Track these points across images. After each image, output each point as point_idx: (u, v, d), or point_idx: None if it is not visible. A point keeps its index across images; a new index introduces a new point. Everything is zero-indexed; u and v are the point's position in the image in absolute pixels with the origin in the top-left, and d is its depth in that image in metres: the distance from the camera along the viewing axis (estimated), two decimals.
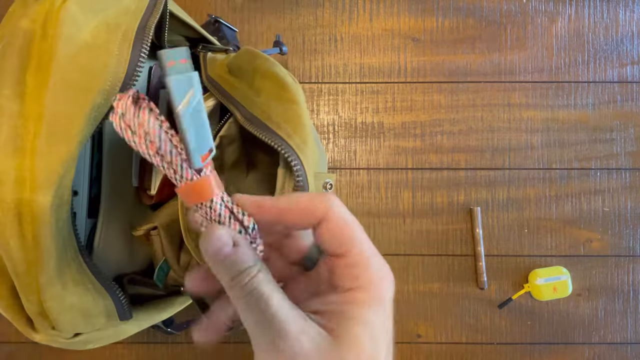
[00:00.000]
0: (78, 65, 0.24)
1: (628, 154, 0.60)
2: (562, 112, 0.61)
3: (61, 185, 0.24)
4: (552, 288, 0.58)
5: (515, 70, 0.61)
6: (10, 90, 0.23)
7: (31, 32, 0.24)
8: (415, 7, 0.61)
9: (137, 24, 0.27)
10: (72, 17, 0.24)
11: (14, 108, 0.23)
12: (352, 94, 0.61)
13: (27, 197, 0.23)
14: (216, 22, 0.48)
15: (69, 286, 0.27)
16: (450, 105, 0.61)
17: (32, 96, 0.23)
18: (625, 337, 0.59)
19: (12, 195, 0.23)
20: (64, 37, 0.24)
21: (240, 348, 0.59)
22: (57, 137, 0.24)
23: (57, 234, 0.25)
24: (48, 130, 0.23)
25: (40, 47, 0.24)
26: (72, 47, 0.24)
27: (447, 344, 0.59)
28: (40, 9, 0.24)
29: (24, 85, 0.23)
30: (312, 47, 0.61)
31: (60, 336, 0.28)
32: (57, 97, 0.24)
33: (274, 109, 0.28)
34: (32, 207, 0.23)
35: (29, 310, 0.26)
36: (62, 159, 0.24)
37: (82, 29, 0.24)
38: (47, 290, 0.25)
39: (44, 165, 0.23)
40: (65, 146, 0.24)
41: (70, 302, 0.27)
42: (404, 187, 0.60)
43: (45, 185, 0.23)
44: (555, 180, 0.60)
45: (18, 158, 0.23)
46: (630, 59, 0.61)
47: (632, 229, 0.60)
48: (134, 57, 0.26)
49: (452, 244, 0.60)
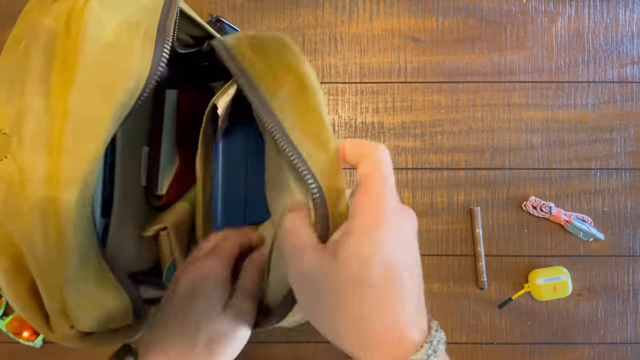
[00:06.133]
0: (103, 64, 0.24)
1: (628, 154, 0.60)
2: (562, 112, 0.61)
3: (86, 183, 0.24)
4: (552, 288, 0.58)
5: (515, 70, 0.61)
6: (35, 87, 0.23)
7: (54, 31, 0.24)
8: (415, 7, 0.61)
9: (157, 22, 0.27)
10: (96, 16, 0.24)
11: (39, 105, 0.23)
12: (352, 94, 0.61)
13: (53, 194, 0.23)
14: (218, 21, 0.48)
15: (91, 284, 0.27)
16: (450, 105, 0.61)
17: (57, 94, 0.23)
18: (625, 337, 0.59)
19: (39, 193, 0.23)
20: (89, 36, 0.24)
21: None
22: (83, 135, 0.24)
23: (80, 231, 0.25)
24: (75, 128, 0.23)
25: (64, 45, 0.24)
26: (97, 46, 0.24)
27: (447, 344, 0.59)
28: (63, 7, 0.24)
29: (49, 82, 0.23)
30: (312, 47, 0.61)
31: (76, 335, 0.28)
32: (83, 96, 0.24)
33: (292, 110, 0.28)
34: (58, 204, 0.23)
35: (49, 308, 0.26)
36: (88, 157, 0.24)
37: (106, 28, 0.25)
38: (69, 288, 0.25)
39: (70, 163, 0.23)
40: (92, 144, 0.24)
41: (91, 300, 0.27)
42: (403, 187, 0.60)
43: (72, 183, 0.23)
44: (555, 180, 0.60)
45: (45, 155, 0.23)
46: (630, 59, 0.61)
47: (632, 229, 0.60)
48: (157, 57, 0.26)
49: (452, 244, 0.60)
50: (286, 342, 0.59)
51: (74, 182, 0.23)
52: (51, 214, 0.23)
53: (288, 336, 0.59)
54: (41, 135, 0.23)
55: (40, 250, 0.24)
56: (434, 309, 0.59)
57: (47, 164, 0.23)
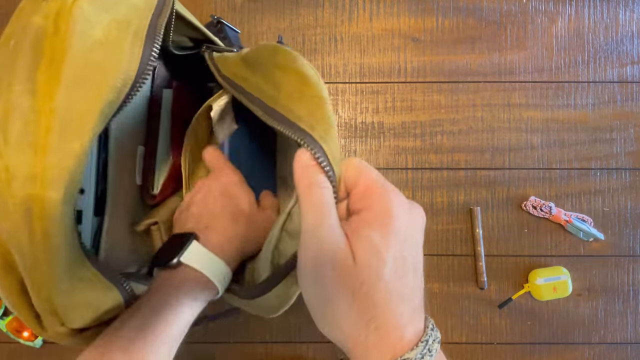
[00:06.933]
0: (91, 62, 0.24)
1: (628, 154, 0.60)
2: (562, 112, 0.61)
3: (72, 181, 0.24)
4: (552, 288, 0.58)
5: (515, 70, 0.61)
6: (22, 86, 0.23)
7: (43, 29, 0.24)
8: (415, 7, 0.61)
9: (148, 22, 0.27)
10: (85, 14, 0.24)
11: (25, 104, 0.23)
12: (352, 94, 0.61)
13: (38, 192, 0.23)
14: (219, 23, 0.48)
15: (77, 282, 0.27)
16: (450, 105, 0.61)
17: (44, 92, 0.23)
18: (625, 337, 0.59)
19: (23, 191, 0.23)
20: (77, 33, 0.24)
21: (241, 348, 0.59)
22: (69, 133, 0.24)
23: (66, 230, 0.25)
24: (61, 126, 0.23)
25: (52, 43, 0.24)
26: (85, 43, 0.24)
27: (447, 344, 0.59)
28: (52, 5, 0.24)
29: (36, 81, 0.23)
30: (312, 47, 0.61)
31: (69, 333, 0.28)
32: (69, 93, 0.24)
33: (296, 104, 0.28)
34: (43, 202, 0.23)
35: (38, 306, 0.26)
36: (74, 155, 0.24)
37: (95, 26, 0.25)
38: (56, 286, 0.25)
39: (56, 161, 0.23)
40: (78, 142, 0.24)
41: (79, 297, 0.27)
42: (403, 187, 0.60)
43: (57, 181, 0.23)
44: (555, 180, 0.60)
45: (30, 154, 0.23)
46: (630, 59, 0.61)
47: (632, 229, 0.60)
48: (145, 56, 0.26)
49: (452, 244, 0.60)
50: (286, 342, 0.59)
51: (59, 180, 0.23)
52: (36, 213, 0.23)
53: (288, 336, 0.59)
54: (27, 133, 0.23)
55: (26, 249, 0.24)
56: (434, 309, 0.59)
57: (32, 162, 0.23)
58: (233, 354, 0.59)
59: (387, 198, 0.23)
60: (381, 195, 0.23)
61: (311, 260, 0.23)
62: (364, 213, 0.23)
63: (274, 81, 0.30)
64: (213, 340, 0.59)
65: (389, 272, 0.22)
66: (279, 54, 0.31)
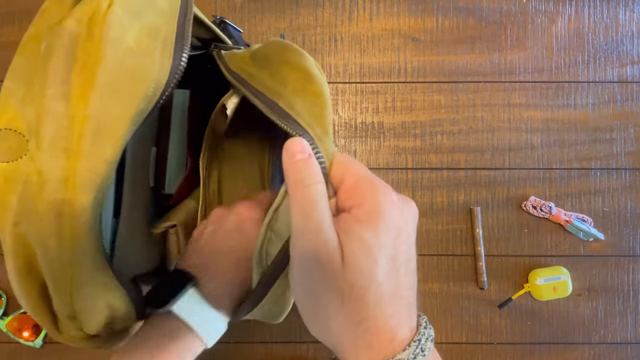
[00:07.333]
0: (124, 69, 0.24)
1: (628, 154, 0.60)
2: (562, 112, 0.61)
3: (102, 186, 0.24)
4: (552, 288, 0.58)
5: (515, 70, 0.61)
6: (55, 90, 0.23)
7: (76, 33, 0.24)
8: (415, 7, 0.61)
9: (175, 27, 0.27)
10: (119, 21, 0.24)
11: (60, 109, 0.23)
12: (352, 94, 0.61)
13: (70, 197, 0.23)
14: (222, 22, 0.48)
15: (98, 287, 0.27)
16: (450, 105, 0.61)
17: (78, 97, 0.23)
18: (625, 337, 0.59)
19: (55, 195, 0.23)
20: (112, 40, 0.24)
21: (241, 348, 0.59)
22: (102, 139, 0.24)
23: (93, 235, 0.25)
24: (94, 132, 0.23)
25: (85, 48, 0.24)
26: (119, 51, 0.24)
27: (447, 344, 0.59)
28: (86, 9, 0.24)
29: (69, 85, 0.23)
30: (312, 47, 0.61)
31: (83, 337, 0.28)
32: (103, 100, 0.24)
33: (299, 101, 0.28)
34: (74, 207, 0.23)
35: (59, 310, 0.26)
36: (106, 161, 0.24)
37: (127, 33, 0.25)
38: (80, 290, 0.25)
39: (88, 166, 0.23)
40: (110, 149, 0.24)
41: (99, 302, 0.27)
42: (403, 187, 0.60)
43: (88, 186, 0.23)
44: (555, 180, 0.60)
45: (63, 158, 0.23)
46: (630, 59, 0.61)
47: (632, 229, 0.60)
48: (175, 64, 0.26)
49: (452, 244, 0.60)
50: (286, 342, 0.59)
51: (90, 185, 0.24)
52: (66, 217, 0.23)
53: (288, 336, 0.59)
54: (60, 138, 0.23)
55: (54, 253, 0.24)
56: (434, 309, 0.59)
57: (65, 167, 0.23)
58: (233, 354, 0.59)
59: (376, 194, 0.22)
60: (371, 192, 0.22)
61: (300, 260, 0.23)
62: (354, 210, 0.22)
63: (280, 77, 0.30)
64: None
65: (381, 273, 0.21)
66: (288, 51, 0.31)
